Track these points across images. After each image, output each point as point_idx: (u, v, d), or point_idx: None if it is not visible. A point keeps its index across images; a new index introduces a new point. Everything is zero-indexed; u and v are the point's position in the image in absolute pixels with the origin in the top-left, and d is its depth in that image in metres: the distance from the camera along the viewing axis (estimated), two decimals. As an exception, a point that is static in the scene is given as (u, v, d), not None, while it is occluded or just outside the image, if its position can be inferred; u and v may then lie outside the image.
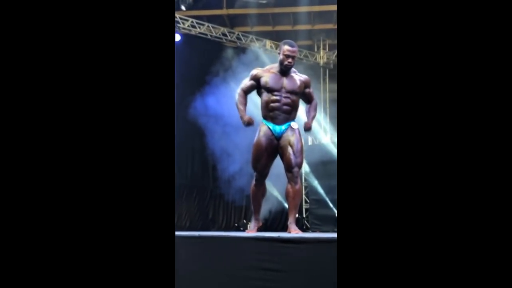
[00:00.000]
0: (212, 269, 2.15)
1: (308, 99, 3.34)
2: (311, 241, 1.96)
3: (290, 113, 3.21)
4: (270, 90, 3.16)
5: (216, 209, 8.30)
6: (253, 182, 3.29)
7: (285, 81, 3.17)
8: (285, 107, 3.18)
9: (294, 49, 3.16)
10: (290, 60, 3.14)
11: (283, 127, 3.18)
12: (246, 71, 7.18)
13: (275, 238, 2.04)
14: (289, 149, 3.14)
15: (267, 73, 3.22)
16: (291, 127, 3.21)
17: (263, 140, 3.18)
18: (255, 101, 3.44)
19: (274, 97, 3.17)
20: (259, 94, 3.28)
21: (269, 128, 3.18)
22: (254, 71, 3.28)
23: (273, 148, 3.21)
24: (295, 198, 3.19)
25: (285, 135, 3.17)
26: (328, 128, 8.93)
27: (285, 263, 1.96)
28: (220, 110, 7.21)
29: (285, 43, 3.20)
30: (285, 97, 3.17)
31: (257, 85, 3.24)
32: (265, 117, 3.22)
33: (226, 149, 7.49)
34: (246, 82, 3.28)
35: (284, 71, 3.19)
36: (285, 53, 3.14)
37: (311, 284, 1.91)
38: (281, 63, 3.17)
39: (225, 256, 2.16)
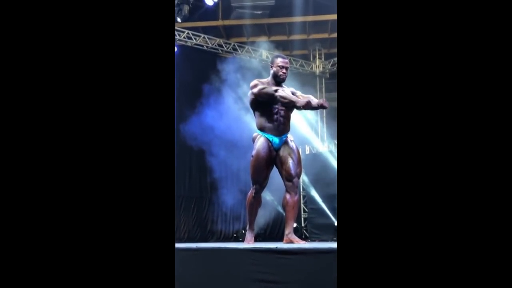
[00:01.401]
0: (209, 282, 2.15)
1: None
2: (309, 252, 1.96)
3: (286, 125, 3.27)
4: (271, 102, 3.18)
5: (214, 219, 8.27)
6: (252, 193, 3.28)
7: None
8: (282, 119, 3.23)
9: (287, 60, 3.28)
10: (284, 71, 3.22)
11: (282, 138, 3.23)
12: (242, 82, 7.25)
13: (273, 249, 2.04)
14: (289, 160, 3.17)
15: (267, 85, 3.22)
16: (288, 139, 3.26)
17: (263, 152, 3.18)
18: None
19: (273, 110, 3.20)
20: (255, 106, 3.27)
21: (267, 139, 3.20)
22: (257, 82, 3.22)
23: (272, 159, 3.23)
24: (294, 208, 3.22)
25: (283, 146, 3.22)
26: (325, 137, 8.95)
27: (283, 274, 1.96)
28: (216, 121, 7.23)
29: (277, 56, 3.30)
30: (281, 109, 3.23)
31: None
32: (263, 129, 3.24)
33: (223, 159, 7.50)
34: (268, 88, 3.14)
35: (278, 82, 3.23)
36: (279, 64, 3.21)
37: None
38: (276, 75, 3.22)
39: (222, 268, 2.16)
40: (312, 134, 8.58)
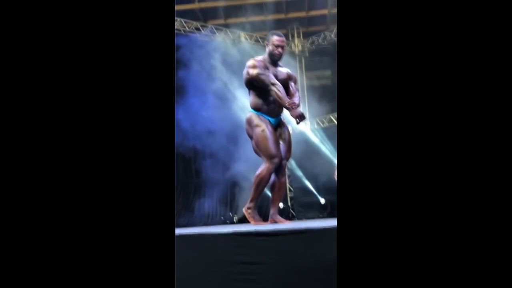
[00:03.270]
0: (190, 267, 2.18)
1: (289, 93, 3.26)
2: (287, 233, 1.99)
3: (281, 106, 3.20)
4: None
5: (201, 203, 8.31)
6: (270, 170, 3.08)
7: (277, 73, 3.17)
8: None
9: (283, 38, 3.22)
10: (280, 49, 3.18)
11: (277, 119, 3.21)
12: (223, 66, 7.20)
13: (252, 232, 2.07)
14: (281, 142, 3.17)
15: (266, 71, 3.14)
16: (282, 121, 3.25)
17: (270, 128, 3.11)
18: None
19: (270, 91, 3.12)
20: (250, 86, 3.19)
21: (266, 118, 3.15)
22: (256, 63, 3.12)
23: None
24: (281, 189, 3.24)
25: (277, 127, 3.20)
26: (307, 116, 8.98)
27: (263, 256, 1.99)
28: (198, 107, 7.22)
29: (273, 34, 3.22)
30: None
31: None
32: (260, 109, 3.17)
33: (206, 144, 7.51)
34: (267, 78, 3.07)
35: (274, 61, 3.20)
36: (275, 43, 3.17)
37: (292, 275, 1.95)
38: (271, 53, 3.18)
39: (203, 253, 2.19)
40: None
